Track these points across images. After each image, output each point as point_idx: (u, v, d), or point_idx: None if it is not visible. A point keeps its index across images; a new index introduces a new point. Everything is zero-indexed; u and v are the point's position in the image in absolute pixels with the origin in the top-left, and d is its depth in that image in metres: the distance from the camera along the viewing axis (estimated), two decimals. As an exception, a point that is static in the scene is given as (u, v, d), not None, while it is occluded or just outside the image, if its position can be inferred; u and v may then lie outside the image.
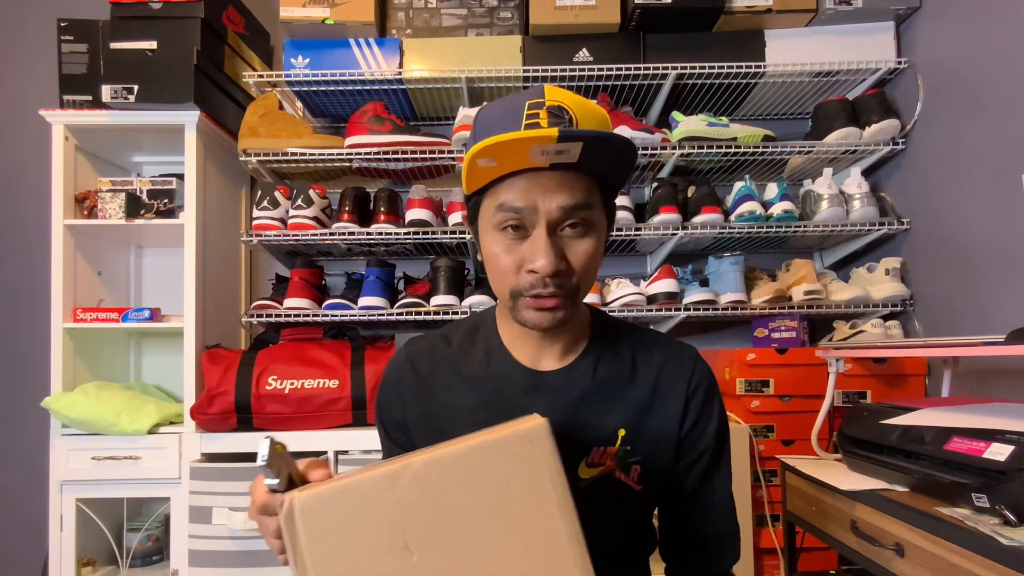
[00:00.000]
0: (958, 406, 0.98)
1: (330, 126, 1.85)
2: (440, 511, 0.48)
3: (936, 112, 1.47)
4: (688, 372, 0.70)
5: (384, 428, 0.76)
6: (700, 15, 1.54)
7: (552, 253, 0.58)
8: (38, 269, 1.72)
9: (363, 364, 1.48)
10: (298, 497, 0.47)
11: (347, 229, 1.53)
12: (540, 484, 0.50)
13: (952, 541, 0.78)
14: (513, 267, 0.60)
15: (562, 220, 0.59)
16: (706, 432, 0.70)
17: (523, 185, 0.58)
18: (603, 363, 0.69)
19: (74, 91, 1.57)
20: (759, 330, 1.61)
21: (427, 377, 0.72)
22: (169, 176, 1.63)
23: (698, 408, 0.69)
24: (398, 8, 1.63)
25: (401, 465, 0.49)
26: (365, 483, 0.49)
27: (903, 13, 1.55)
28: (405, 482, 0.48)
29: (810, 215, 1.56)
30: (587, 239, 0.61)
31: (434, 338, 0.75)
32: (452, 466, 0.49)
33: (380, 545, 0.48)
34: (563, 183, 0.58)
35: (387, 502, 0.48)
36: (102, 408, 1.42)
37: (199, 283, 1.51)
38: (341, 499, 0.48)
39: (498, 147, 0.54)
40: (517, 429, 0.51)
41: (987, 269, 1.32)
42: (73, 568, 1.46)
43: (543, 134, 0.52)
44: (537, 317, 0.61)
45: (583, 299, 0.65)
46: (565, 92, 0.60)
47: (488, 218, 0.62)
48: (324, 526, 0.48)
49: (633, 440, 0.67)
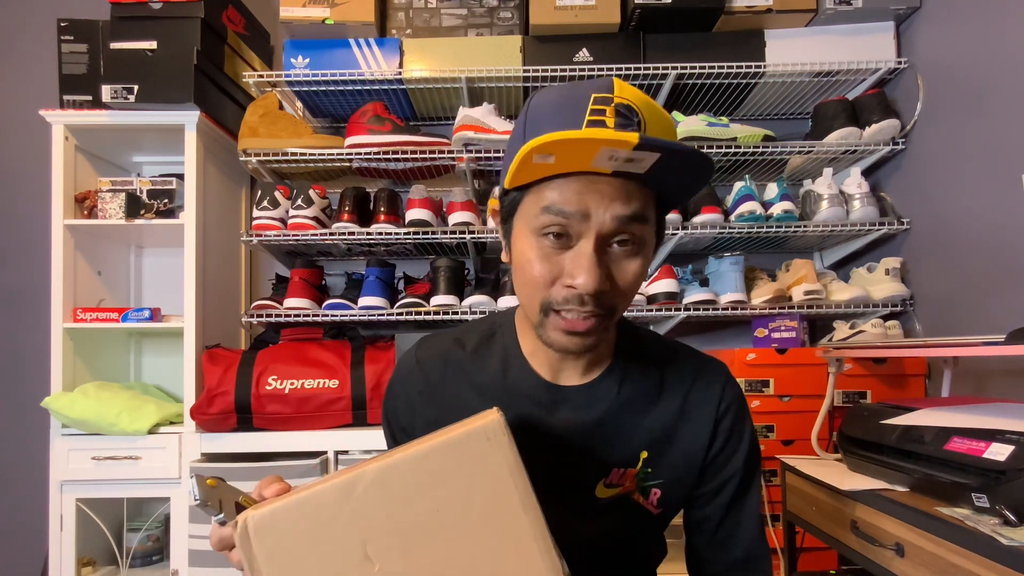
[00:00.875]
0: (958, 406, 0.98)
1: (330, 126, 1.85)
2: (399, 517, 0.47)
3: (936, 112, 1.47)
4: (718, 393, 0.65)
5: (390, 430, 0.73)
6: (700, 15, 1.54)
7: (598, 270, 0.51)
8: (38, 269, 1.72)
9: (363, 364, 1.48)
10: (251, 516, 0.46)
11: (347, 229, 1.53)
12: (500, 480, 0.48)
13: (952, 541, 0.78)
14: (548, 278, 0.54)
15: (614, 233, 0.52)
16: (734, 458, 0.65)
17: (576, 188, 0.51)
18: (628, 381, 0.65)
19: (74, 91, 1.57)
20: (759, 330, 1.61)
21: (438, 383, 0.67)
22: (169, 176, 1.63)
23: (727, 431, 0.65)
24: (398, 8, 1.63)
25: (356, 473, 0.47)
26: (319, 495, 0.47)
27: (903, 13, 1.55)
28: (360, 490, 0.47)
29: (810, 215, 1.56)
30: (636, 259, 0.54)
31: (447, 341, 0.70)
32: (408, 470, 0.48)
33: (339, 557, 0.46)
34: (623, 191, 0.51)
35: (343, 512, 0.47)
36: (102, 408, 1.42)
37: (199, 283, 1.51)
38: (296, 513, 0.47)
39: (561, 144, 0.47)
40: (472, 427, 0.49)
41: (987, 269, 1.32)
42: (73, 568, 1.46)
43: (621, 138, 0.46)
44: (565, 341, 0.55)
45: (619, 317, 0.59)
46: (635, 91, 0.53)
47: (528, 219, 0.54)
48: (280, 542, 0.46)
49: (655, 463, 0.64)
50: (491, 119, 1.50)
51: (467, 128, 1.49)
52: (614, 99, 0.52)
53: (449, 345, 0.69)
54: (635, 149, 0.46)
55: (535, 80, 1.56)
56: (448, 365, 0.68)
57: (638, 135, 0.46)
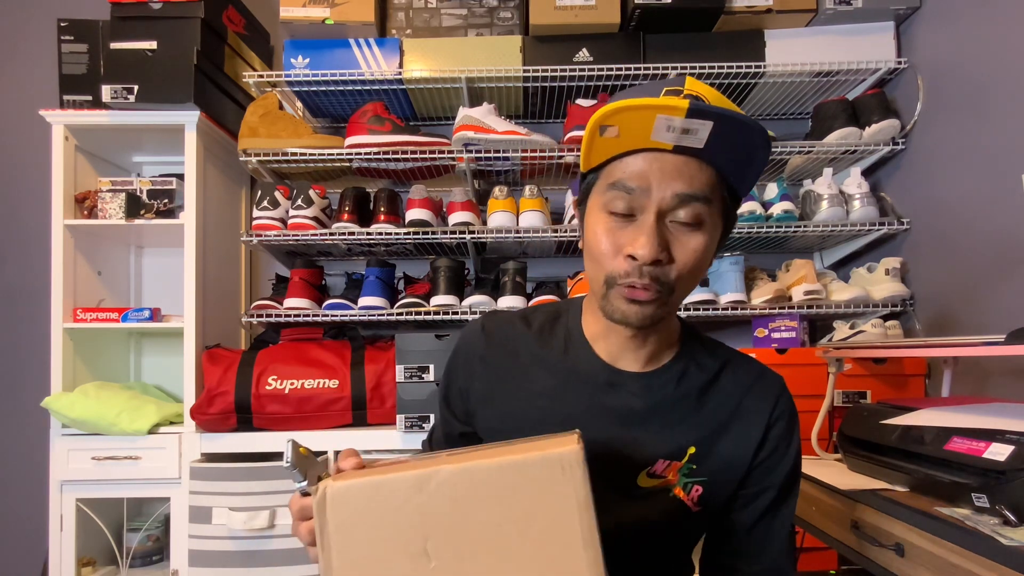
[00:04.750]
0: (958, 406, 0.98)
1: (330, 126, 1.85)
2: (463, 522, 0.48)
3: (936, 112, 1.47)
4: (773, 400, 0.66)
5: (445, 393, 0.74)
6: (700, 15, 1.54)
7: (655, 240, 0.54)
8: (38, 269, 1.72)
9: (363, 364, 1.48)
10: (331, 485, 0.49)
11: (347, 229, 1.53)
12: (566, 513, 0.48)
13: (952, 541, 0.78)
14: (612, 251, 0.57)
15: (674, 209, 0.55)
16: (779, 466, 0.66)
17: (641, 165, 0.55)
18: (688, 376, 0.66)
19: (74, 91, 1.57)
20: (759, 330, 1.61)
21: (500, 351, 0.69)
22: (169, 176, 1.63)
23: (777, 439, 0.66)
24: (398, 8, 1.63)
25: (432, 470, 0.49)
26: (394, 481, 0.49)
27: (903, 13, 1.55)
28: (432, 487, 0.48)
29: (810, 215, 1.56)
30: (697, 235, 0.56)
31: (514, 316, 0.73)
32: (479, 479, 0.49)
33: (400, 545, 0.48)
34: (684, 169, 0.54)
35: (412, 504, 0.48)
36: (102, 408, 1.42)
37: (199, 283, 1.51)
38: (371, 493, 0.49)
39: (622, 112, 0.51)
40: (549, 452, 0.49)
41: (987, 269, 1.31)
42: (73, 568, 1.46)
43: (672, 103, 0.49)
44: (626, 308, 0.57)
45: (679, 302, 0.61)
46: (706, 86, 0.57)
47: (598, 197, 0.59)
48: (352, 517, 0.48)
49: (701, 460, 0.64)
50: (491, 119, 1.50)
51: (467, 128, 1.49)
52: (684, 91, 0.55)
53: (515, 319, 0.72)
54: (688, 116, 0.49)
55: (535, 80, 1.56)
56: (511, 337, 0.70)
57: (688, 101, 0.49)
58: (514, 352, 0.69)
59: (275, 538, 1.38)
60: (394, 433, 1.44)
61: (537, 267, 1.75)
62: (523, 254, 1.83)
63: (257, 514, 1.36)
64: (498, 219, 1.54)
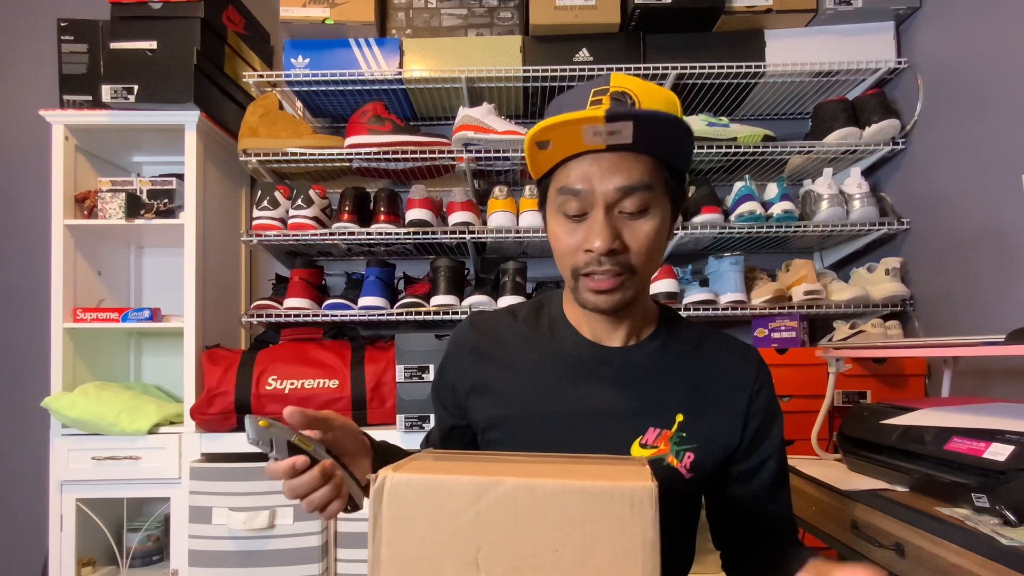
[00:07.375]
0: (958, 406, 0.98)
1: (330, 126, 1.85)
2: (519, 540, 0.46)
3: (936, 112, 1.47)
4: (754, 370, 0.71)
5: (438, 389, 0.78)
6: (700, 15, 1.54)
7: (607, 233, 0.59)
8: (38, 269, 1.72)
9: (363, 364, 1.48)
10: (392, 476, 0.47)
11: (347, 229, 1.53)
12: (629, 551, 0.45)
13: (952, 541, 0.78)
14: (573, 247, 0.62)
15: (619, 201, 0.60)
16: (771, 432, 0.70)
17: (582, 168, 0.59)
18: (669, 348, 0.71)
19: (74, 91, 1.57)
20: (759, 330, 1.61)
21: (489, 342, 0.73)
22: (169, 176, 1.63)
23: (764, 407, 0.70)
24: (398, 8, 1.63)
25: (494, 478, 0.47)
26: (455, 484, 0.47)
27: (903, 13, 1.55)
28: (492, 498, 0.46)
29: (810, 215, 1.56)
30: (646, 219, 0.61)
31: (499, 311, 0.78)
32: (543, 498, 0.46)
33: (452, 551, 0.47)
34: (620, 164, 0.59)
35: (470, 511, 0.47)
36: (102, 408, 1.42)
37: (199, 283, 1.51)
38: (430, 491, 0.47)
39: (551, 129, 0.56)
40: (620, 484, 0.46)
41: (987, 269, 1.31)
42: (73, 568, 1.46)
43: (590, 114, 0.54)
44: (595, 299, 0.63)
45: (646, 281, 0.66)
46: (632, 78, 0.62)
47: (552, 201, 0.64)
48: (407, 511, 0.47)
49: (690, 427, 0.67)
50: (491, 119, 1.50)
51: (467, 128, 1.49)
52: (610, 89, 0.60)
53: (501, 314, 0.77)
54: (606, 122, 0.54)
55: (535, 80, 1.56)
56: (499, 328, 0.75)
57: (604, 109, 0.54)
58: (503, 341, 0.73)
59: (275, 538, 1.38)
60: (394, 433, 1.44)
61: (537, 267, 1.75)
62: (523, 254, 1.83)
63: (257, 514, 1.37)
64: (498, 219, 1.54)
